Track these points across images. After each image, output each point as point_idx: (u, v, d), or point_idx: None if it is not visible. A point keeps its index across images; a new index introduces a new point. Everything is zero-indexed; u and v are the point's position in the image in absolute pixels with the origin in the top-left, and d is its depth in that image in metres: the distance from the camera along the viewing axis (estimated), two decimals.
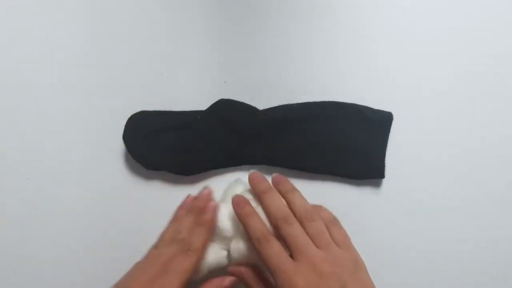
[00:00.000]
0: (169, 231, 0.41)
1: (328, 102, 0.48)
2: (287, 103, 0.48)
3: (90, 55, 0.48)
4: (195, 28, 0.49)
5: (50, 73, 0.48)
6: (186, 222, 0.41)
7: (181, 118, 0.47)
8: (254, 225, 0.38)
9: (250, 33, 0.49)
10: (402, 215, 0.48)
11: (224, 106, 0.47)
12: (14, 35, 0.48)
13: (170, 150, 0.46)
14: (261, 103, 0.48)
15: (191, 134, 0.47)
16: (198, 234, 0.40)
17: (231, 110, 0.47)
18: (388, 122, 0.48)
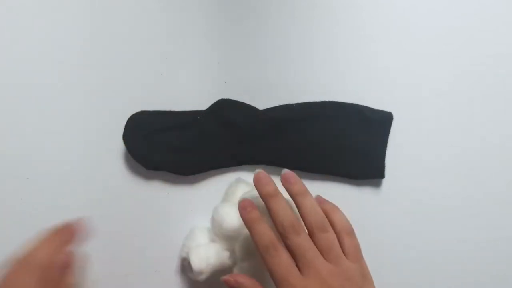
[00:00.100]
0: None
1: (328, 102, 0.48)
2: (287, 103, 0.48)
3: (90, 55, 0.48)
4: (195, 28, 0.49)
5: (50, 73, 0.48)
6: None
7: (181, 118, 0.47)
8: (261, 231, 0.36)
9: (250, 33, 0.49)
10: (402, 215, 0.48)
11: (224, 106, 0.47)
12: (14, 35, 0.48)
13: (170, 150, 0.46)
14: (261, 103, 0.48)
15: (191, 134, 0.47)
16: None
17: (231, 110, 0.47)
18: (388, 122, 0.48)
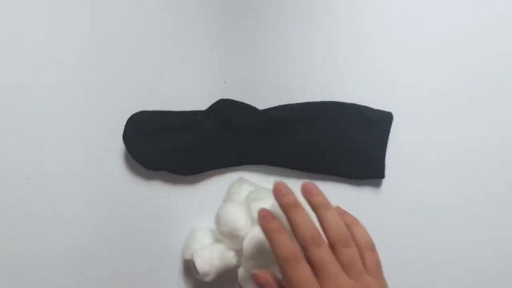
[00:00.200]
0: None
1: (328, 102, 0.48)
2: (287, 103, 0.48)
3: (90, 55, 0.48)
4: (195, 28, 0.49)
5: (50, 73, 0.48)
6: None
7: (181, 118, 0.47)
8: (282, 242, 0.35)
9: (250, 33, 0.49)
10: (402, 215, 0.48)
11: (224, 106, 0.47)
12: (14, 35, 0.48)
13: (170, 150, 0.46)
14: (261, 103, 0.48)
15: (191, 134, 0.47)
16: None
17: (231, 110, 0.47)
18: (388, 122, 0.48)
